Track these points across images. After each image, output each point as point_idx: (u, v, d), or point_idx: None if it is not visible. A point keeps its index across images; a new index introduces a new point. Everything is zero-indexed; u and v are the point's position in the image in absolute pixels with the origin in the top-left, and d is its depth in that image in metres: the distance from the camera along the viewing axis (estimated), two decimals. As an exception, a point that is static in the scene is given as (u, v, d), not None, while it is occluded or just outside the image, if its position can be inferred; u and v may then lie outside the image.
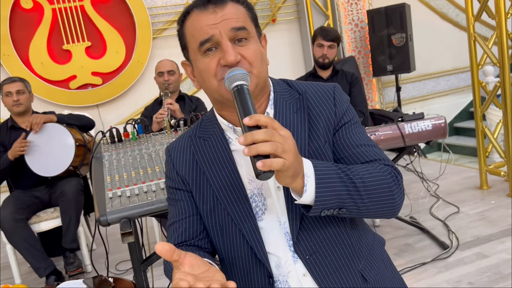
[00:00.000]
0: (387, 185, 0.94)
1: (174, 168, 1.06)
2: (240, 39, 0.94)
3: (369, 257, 1.06)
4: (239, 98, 0.87)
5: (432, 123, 2.49)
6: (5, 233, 2.82)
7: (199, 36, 0.93)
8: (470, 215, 3.01)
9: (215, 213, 1.01)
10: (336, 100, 1.04)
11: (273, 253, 1.00)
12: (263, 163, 0.77)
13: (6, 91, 2.97)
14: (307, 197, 0.86)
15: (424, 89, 6.32)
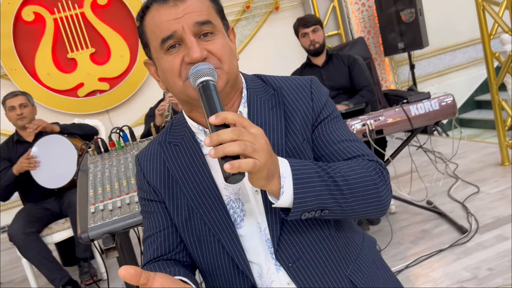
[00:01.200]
0: (372, 181, 0.87)
1: (145, 178, 1.00)
2: (206, 34, 0.88)
3: (357, 260, 0.99)
4: (204, 95, 0.80)
5: (439, 102, 2.34)
6: (17, 247, 2.84)
7: (160, 32, 0.86)
8: (491, 194, 2.86)
9: (191, 223, 0.95)
10: (313, 94, 0.97)
11: (254, 261, 0.93)
12: (230, 165, 0.70)
13: (10, 106, 2.98)
14: (284, 199, 0.79)
15: (440, 64, 6.08)
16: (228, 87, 0.91)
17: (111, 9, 4.82)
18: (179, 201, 0.95)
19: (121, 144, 1.74)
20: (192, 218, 0.94)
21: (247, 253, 0.93)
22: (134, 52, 4.91)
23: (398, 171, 3.24)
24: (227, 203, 0.93)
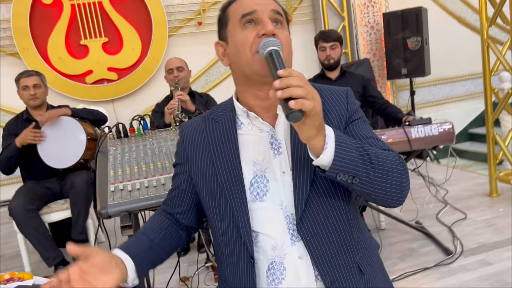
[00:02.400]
0: (397, 168, 0.97)
1: (183, 144, 1.13)
2: (277, 22, 1.02)
3: (366, 252, 1.08)
4: (272, 58, 0.91)
5: (439, 128, 2.47)
6: (16, 222, 2.90)
7: (242, 9, 1.01)
8: (477, 221, 2.99)
9: (212, 190, 1.06)
10: (348, 99, 1.09)
11: (270, 235, 1.02)
12: (295, 102, 0.81)
13: (23, 85, 3.04)
14: (326, 156, 0.89)
15: (439, 93, 6.26)
16: None
17: (129, 3, 4.92)
18: (206, 168, 1.07)
19: (140, 131, 1.83)
20: (214, 185, 1.06)
21: (263, 226, 1.02)
22: (145, 47, 5.00)
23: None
24: (253, 177, 1.03)
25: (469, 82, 6.29)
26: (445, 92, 6.28)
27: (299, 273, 1.00)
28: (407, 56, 5.31)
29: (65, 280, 0.88)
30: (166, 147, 1.73)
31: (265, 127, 1.06)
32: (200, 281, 2.59)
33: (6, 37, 4.69)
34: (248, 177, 1.04)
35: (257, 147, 1.05)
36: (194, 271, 2.68)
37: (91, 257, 0.90)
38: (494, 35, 5.57)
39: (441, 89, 6.25)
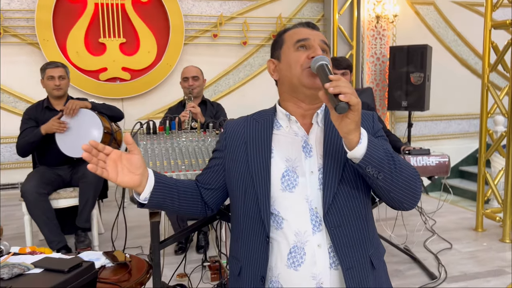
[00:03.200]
0: (414, 174, 1.15)
1: (224, 134, 1.34)
2: (323, 51, 1.23)
3: (376, 250, 1.25)
4: (326, 67, 1.12)
5: (436, 160, 2.66)
6: (26, 204, 3.02)
7: (298, 36, 1.24)
8: (462, 252, 3.17)
9: (242, 175, 1.25)
10: (374, 120, 1.30)
11: (295, 222, 1.18)
12: (345, 95, 1.01)
13: (49, 75, 3.19)
14: (359, 150, 1.06)
15: (435, 129, 6.50)
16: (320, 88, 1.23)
17: (150, 7, 5.12)
18: (240, 156, 1.27)
19: (169, 130, 2.00)
20: (245, 171, 1.25)
21: (290, 214, 1.19)
22: (161, 51, 5.19)
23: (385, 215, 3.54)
24: (285, 171, 1.21)
25: (465, 121, 6.55)
26: (440, 128, 6.53)
27: (316, 259, 1.16)
28: (408, 90, 5.55)
29: (107, 151, 1.12)
30: (192, 147, 1.89)
31: (300, 132, 1.25)
32: (197, 279, 2.72)
33: (28, 27, 4.85)
34: (281, 170, 1.21)
35: (290, 147, 1.24)
36: (191, 270, 2.81)
37: (133, 155, 1.14)
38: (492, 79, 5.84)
39: (437, 125, 6.49)
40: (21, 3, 4.84)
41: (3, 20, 4.76)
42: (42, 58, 4.80)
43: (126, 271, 1.80)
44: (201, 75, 3.44)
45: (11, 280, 1.49)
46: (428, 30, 6.25)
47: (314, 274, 1.16)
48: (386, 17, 5.78)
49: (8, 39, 4.81)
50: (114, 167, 1.12)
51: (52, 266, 1.58)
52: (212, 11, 5.39)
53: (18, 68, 4.86)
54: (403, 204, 1.16)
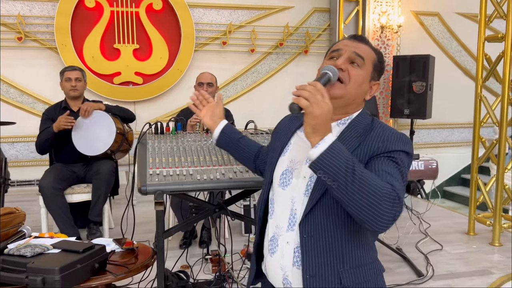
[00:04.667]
0: (379, 196, 1.04)
1: (277, 125, 1.50)
2: (353, 63, 1.26)
3: (357, 269, 1.22)
4: (321, 75, 1.20)
5: (424, 163, 2.84)
6: (44, 199, 3.26)
7: (335, 47, 1.31)
8: (451, 254, 3.33)
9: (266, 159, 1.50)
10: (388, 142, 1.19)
11: (278, 216, 1.32)
12: (297, 98, 1.07)
13: (67, 77, 3.44)
14: (313, 153, 1.07)
15: (438, 137, 6.65)
16: (340, 101, 1.24)
17: (163, 15, 5.38)
18: (271, 144, 1.47)
19: (175, 131, 2.21)
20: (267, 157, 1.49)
21: (278, 208, 1.32)
22: (172, 57, 5.43)
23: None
24: (285, 169, 1.32)
25: (467, 130, 6.68)
26: (443, 136, 6.67)
27: (284, 254, 1.27)
28: (411, 98, 5.71)
29: (209, 100, 1.69)
30: (195, 146, 2.10)
31: None
32: (200, 272, 2.92)
33: (48, 32, 5.13)
34: (283, 167, 1.32)
35: (300, 151, 1.29)
36: (194, 262, 3.01)
37: (217, 107, 1.67)
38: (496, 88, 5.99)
39: (439, 133, 6.64)
40: (42, 9, 5.12)
41: (25, 25, 5.04)
42: (60, 62, 5.07)
43: (133, 255, 2.01)
44: (215, 83, 3.63)
45: (33, 258, 1.71)
46: (432, 41, 6.42)
47: (282, 265, 1.28)
48: (391, 27, 5.96)
49: (28, 44, 5.10)
50: (205, 110, 1.67)
51: (68, 247, 1.81)
52: (222, 20, 5.63)
53: (37, 71, 5.14)
54: (364, 224, 1.08)
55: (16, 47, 5.07)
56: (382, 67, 1.33)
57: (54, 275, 1.61)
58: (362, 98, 1.30)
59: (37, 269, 1.62)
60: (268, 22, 5.74)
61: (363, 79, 1.26)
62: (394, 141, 1.18)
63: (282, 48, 5.82)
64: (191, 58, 5.47)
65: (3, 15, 4.99)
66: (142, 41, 5.36)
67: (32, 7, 5.10)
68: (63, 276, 1.62)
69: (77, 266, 1.69)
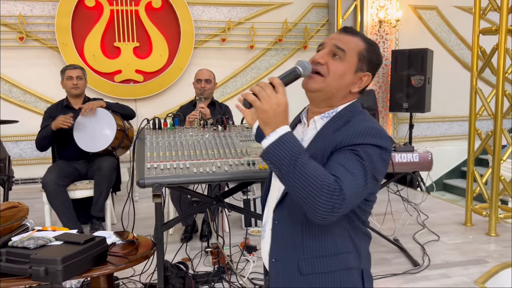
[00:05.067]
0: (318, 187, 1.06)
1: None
2: (335, 55, 1.24)
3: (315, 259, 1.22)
4: (287, 71, 1.22)
5: (419, 155, 2.89)
6: (47, 195, 3.33)
7: (322, 42, 1.31)
8: (448, 244, 3.38)
9: None
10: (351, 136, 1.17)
11: (268, 203, 1.39)
12: (245, 94, 1.14)
13: (68, 75, 3.51)
14: (263, 143, 1.13)
15: (437, 130, 6.68)
16: (321, 94, 1.26)
17: (162, 13, 5.43)
18: None
19: (172, 126, 2.27)
20: None
21: (270, 196, 1.38)
22: (172, 54, 5.49)
23: (380, 210, 3.78)
24: None
25: (467, 123, 6.64)
26: (443, 129, 6.71)
27: (268, 238, 1.35)
28: (409, 92, 5.75)
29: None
30: (192, 141, 2.16)
31: (301, 130, 1.36)
32: (200, 264, 2.99)
33: (49, 32, 5.20)
34: None
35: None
36: (194, 255, 3.08)
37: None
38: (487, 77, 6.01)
39: (439, 126, 6.68)
40: (43, 9, 5.19)
41: (26, 25, 5.11)
42: (61, 61, 5.14)
43: (133, 247, 2.08)
44: (214, 79, 3.69)
45: (36, 249, 1.78)
46: (431, 34, 6.45)
47: (267, 250, 1.34)
48: (389, 22, 5.99)
49: (30, 43, 5.17)
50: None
51: (70, 239, 1.87)
52: (221, 17, 5.68)
53: (39, 70, 5.21)
54: (307, 212, 1.10)
55: (18, 47, 5.14)
56: (372, 57, 1.27)
57: (56, 265, 1.67)
58: (346, 90, 1.27)
59: (40, 260, 1.69)
60: (267, 19, 5.79)
61: (344, 71, 1.24)
62: (361, 135, 1.16)
63: (281, 44, 5.87)
64: (190, 55, 5.53)
65: (4, 15, 5.06)
66: (142, 39, 5.42)
67: (33, 7, 5.17)
68: (65, 266, 1.68)
69: (78, 257, 1.76)
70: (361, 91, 1.31)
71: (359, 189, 1.11)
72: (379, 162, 1.16)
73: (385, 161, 1.19)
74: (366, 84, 1.29)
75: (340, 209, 1.07)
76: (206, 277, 2.58)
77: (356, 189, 1.10)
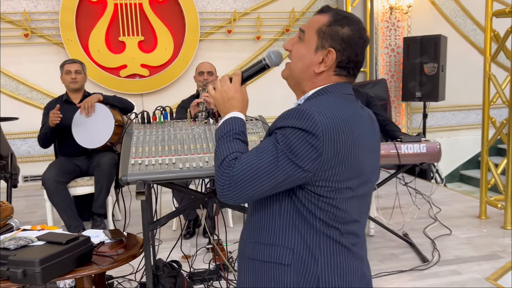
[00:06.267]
0: (218, 162, 1.11)
1: None
2: (300, 39, 1.20)
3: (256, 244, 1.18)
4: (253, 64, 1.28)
5: (427, 146, 2.74)
6: (47, 192, 3.29)
7: None
8: (460, 238, 3.23)
9: None
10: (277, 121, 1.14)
11: None
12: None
13: (67, 70, 3.46)
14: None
15: (453, 119, 6.46)
16: (289, 80, 1.24)
17: (166, 6, 5.35)
18: None
19: (161, 120, 2.18)
20: None
21: None
22: (177, 48, 5.41)
23: (388, 203, 3.64)
24: None
25: (484, 111, 6.46)
26: (458, 119, 6.48)
27: None
28: (422, 81, 5.56)
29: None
30: (180, 135, 2.06)
31: None
32: (200, 261, 2.91)
33: (53, 28, 5.17)
34: None
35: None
36: (196, 251, 3.00)
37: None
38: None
39: (455, 116, 6.45)
40: (47, 5, 5.16)
41: (31, 22, 5.09)
42: (67, 57, 5.10)
43: (121, 246, 2.00)
44: (215, 72, 3.63)
45: (16, 250, 1.72)
46: (445, 20, 6.21)
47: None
48: (400, 8, 5.79)
49: (35, 40, 5.15)
50: None
51: (52, 239, 1.80)
52: (226, 8, 5.57)
53: (45, 67, 5.18)
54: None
55: (23, 44, 5.13)
56: (337, 31, 1.14)
57: (34, 267, 1.60)
58: (309, 72, 1.17)
59: (18, 261, 1.62)
60: (273, 8, 5.65)
61: (302, 52, 1.17)
62: (283, 118, 1.10)
63: (289, 34, 5.72)
64: (196, 48, 5.44)
65: (9, 12, 5.05)
66: (147, 33, 5.35)
67: (37, 3, 5.14)
68: (44, 268, 1.62)
69: (59, 257, 1.69)
70: (346, 74, 1.18)
71: (259, 170, 1.06)
72: (299, 146, 1.05)
73: (310, 144, 1.05)
74: (332, 61, 1.15)
75: (231, 187, 1.06)
76: (202, 275, 2.50)
77: (254, 170, 1.06)
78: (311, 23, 1.19)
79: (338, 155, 1.07)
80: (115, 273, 2.64)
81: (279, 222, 1.14)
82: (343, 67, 1.17)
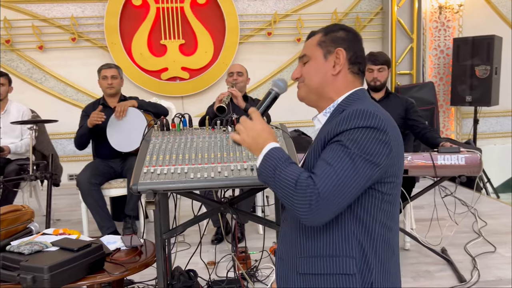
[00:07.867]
0: (292, 187, 1.09)
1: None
2: (304, 64, 1.33)
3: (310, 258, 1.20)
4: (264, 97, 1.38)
5: (466, 157, 2.55)
6: (81, 193, 3.38)
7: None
8: (504, 257, 2.98)
9: None
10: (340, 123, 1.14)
11: None
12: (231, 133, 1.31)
13: (103, 75, 3.54)
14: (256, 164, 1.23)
15: (508, 125, 6.04)
16: (309, 97, 1.33)
17: (207, 9, 5.37)
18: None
19: (180, 127, 2.16)
20: None
21: None
22: (217, 51, 5.42)
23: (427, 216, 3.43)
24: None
25: (544, 117, 6.00)
26: (514, 124, 6.05)
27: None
28: (473, 84, 5.23)
29: None
30: (196, 143, 2.03)
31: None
32: (224, 268, 2.87)
33: (99, 32, 5.33)
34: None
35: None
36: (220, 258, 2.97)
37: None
38: None
39: (509, 121, 6.02)
40: (93, 10, 5.33)
41: (78, 26, 5.28)
42: (111, 60, 5.25)
43: (136, 253, 2.00)
44: (246, 73, 3.62)
45: (30, 255, 1.75)
46: (501, 19, 5.82)
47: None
48: (451, 7, 5.48)
49: (81, 44, 5.34)
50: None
51: (65, 245, 1.82)
52: (267, 10, 5.51)
53: (90, 70, 5.29)
54: (294, 212, 1.13)
55: (71, 48, 5.33)
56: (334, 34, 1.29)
57: (43, 274, 1.62)
58: (328, 78, 1.28)
59: (29, 267, 1.65)
60: (315, 9, 5.52)
61: (314, 67, 1.29)
62: (344, 121, 1.13)
63: (331, 36, 5.57)
64: (235, 51, 5.42)
65: (59, 17, 5.26)
66: (188, 36, 5.39)
67: (84, 8, 5.32)
68: (52, 275, 1.63)
69: (69, 264, 1.70)
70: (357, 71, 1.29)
71: (342, 180, 1.06)
72: (371, 144, 1.09)
73: (381, 141, 1.11)
74: (343, 60, 1.26)
75: (319, 205, 1.05)
76: (221, 284, 2.46)
77: (337, 181, 1.06)
78: (307, 45, 1.32)
79: (398, 150, 1.16)
80: (139, 277, 2.65)
81: (337, 232, 1.17)
82: (354, 63, 1.28)
